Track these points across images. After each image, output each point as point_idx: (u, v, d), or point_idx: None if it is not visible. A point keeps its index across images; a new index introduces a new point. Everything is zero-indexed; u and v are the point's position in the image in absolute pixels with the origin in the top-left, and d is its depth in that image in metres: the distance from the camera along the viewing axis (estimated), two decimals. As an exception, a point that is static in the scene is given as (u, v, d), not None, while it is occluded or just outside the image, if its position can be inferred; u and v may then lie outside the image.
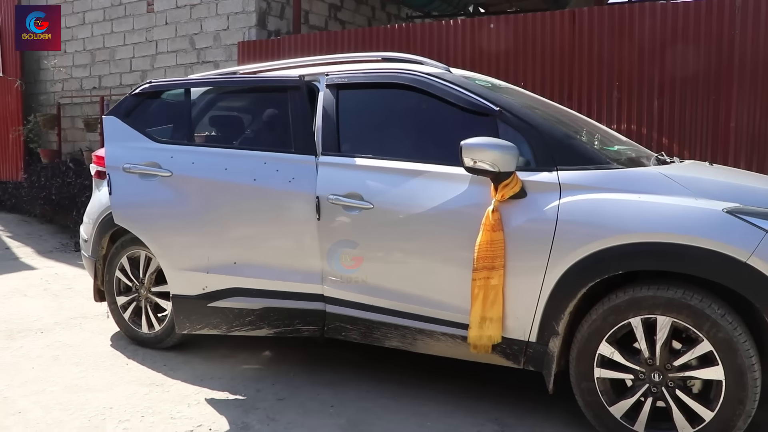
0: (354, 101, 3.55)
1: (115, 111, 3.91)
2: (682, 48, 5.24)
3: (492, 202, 2.87)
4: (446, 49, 6.25)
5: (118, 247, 4.16)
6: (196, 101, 3.95)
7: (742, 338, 2.49)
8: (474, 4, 10.33)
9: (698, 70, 5.20)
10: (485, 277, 2.85)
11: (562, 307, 2.79)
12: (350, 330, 3.36)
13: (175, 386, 3.53)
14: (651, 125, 5.39)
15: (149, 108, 3.96)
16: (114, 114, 3.88)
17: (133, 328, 4.17)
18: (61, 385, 3.55)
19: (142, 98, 3.95)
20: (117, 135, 3.81)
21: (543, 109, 3.46)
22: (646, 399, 2.69)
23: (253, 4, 7.88)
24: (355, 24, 9.51)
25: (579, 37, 5.60)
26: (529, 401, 3.29)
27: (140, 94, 3.97)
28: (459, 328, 3.02)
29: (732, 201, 2.61)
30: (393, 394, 3.41)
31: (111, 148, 3.79)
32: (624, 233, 2.65)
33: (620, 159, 3.08)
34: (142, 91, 3.98)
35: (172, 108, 4.00)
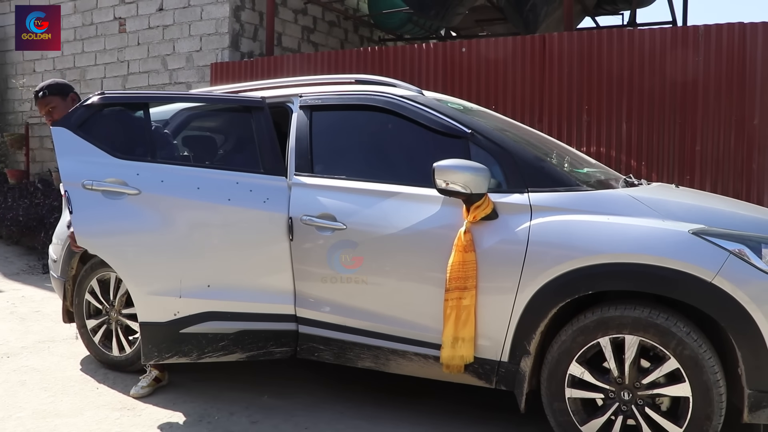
0: (327, 123, 3.58)
1: (65, 122, 3.50)
2: (649, 73, 5.39)
3: (464, 223, 2.91)
4: (419, 71, 6.33)
5: (87, 270, 4.10)
6: (160, 117, 3.88)
7: (707, 355, 2.54)
8: (446, 28, 10.48)
9: (665, 95, 5.35)
10: (457, 298, 2.88)
11: (534, 327, 2.82)
12: (323, 350, 3.35)
13: (147, 410, 3.48)
14: (620, 148, 5.52)
15: (103, 121, 3.63)
16: (64, 125, 3.48)
17: (103, 352, 4.10)
18: (28, 411, 3.47)
19: (95, 110, 3.61)
20: (70, 148, 3.46)
21: (514, 132, 3.52)
22: (616, 418, 2.72)
23: (226, 25, 7.91)
24: (328, 46, 9.59)
25: (549, 62, 5.72)
26: (502, 421, 3.31)
27: (92, 105, 3.59)
28: (431, 348, 3.04)
29: (698, 222, 2.68)
30: (368, 416, 3.40)
31: (66, 163, 3.44)
32: (593, 254, 2.70)
33: (590, 181, 3.15)
34: (94, 102, 3.60)
35: (130, 122, 3.72)
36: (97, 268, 4.04)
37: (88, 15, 9.06)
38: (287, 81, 4.03)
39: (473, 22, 10.81)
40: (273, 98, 3.71)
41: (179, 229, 3.45)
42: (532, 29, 8.21)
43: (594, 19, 10.26)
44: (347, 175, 3.36)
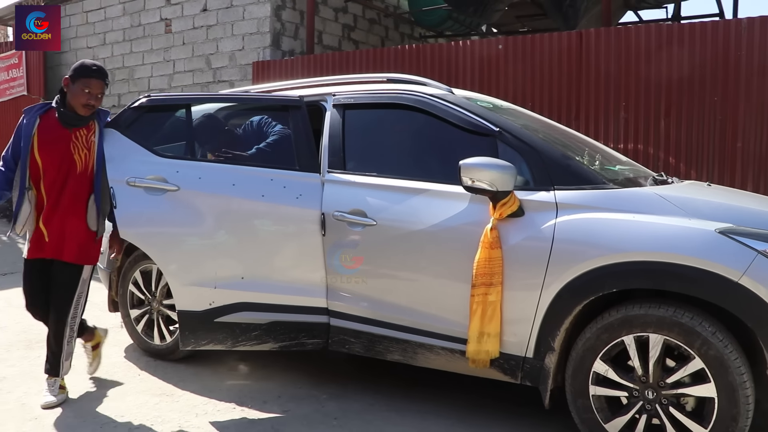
0: (359, 121, 3.65)
1: (114, 123, 3.72)
2: (689, 68, 5.31)
3: (491, 220, 2.95)
4: (456, 69, 6.36)
5: (131, 262, 4.27)
6: (201, 117, 3.99)
7: (733, 355, 2.52)
8: (486, 24, 10.45)
9: (705, 90, 5.26)
10: (483, 293, 2.92)
11: (558, 324, 2.84)
12: (353, 343, 3.43)
13: (184, 397, 3.62)
14: (658, 145, 5.45)
15: (149, 121, 3.86)
16: (113, 126, 3.70)
17: (145, 340, 4.27)
18: (76, 393, 3.65)
19: (142, 111, 3.84)
20: (117, 147, 3.65)
21: (543, 130, 3.53)
22: (640, 416, 2.72)
23: (267, 25, 8.05)
24: (369, 44, 9.67)
25: (586, 58, 5.69)
26: (527, 416, 3.34)
27: (139, 107, 3.85)
28: (458, 343, 3.09)
29: (725, 221, 2.66)
30: (396, 408, 3.47)
31: (113, 162, 3.60)
32: (618, 252, 2.71)
33: (617, 179, 3.14)
34: (141, 104, 3.86)
35: (174, 123, 3.95)
36: (139, 260, 4.21)
37: (136, 17, 9.33)
38: (321, 80, 4.12)
39: (513, 18, 10.76)
40: (307, 97, 3.79)
41: (215, 223, 3.59)
42: (572, 24, 8.14)
43: (636, 12, 10.09)
44: (378, 172, 3.43)
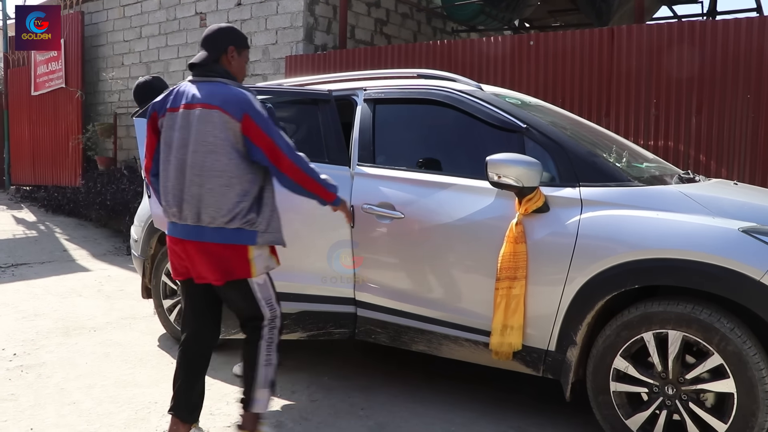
0: (389, 115, 3.71)
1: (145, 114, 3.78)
2: (721, 65, 5.24)
3: (516, 215, 3.00)
4: (487, 65, 6.37)
5: (163, 253, 4.40)
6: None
7: (752, 351, 2.54)
8: (518, 19, 10.40)
9: (737, 88, 5.19)
10: (507, 287, 2.97)
11: (581, 318, 2.88)
12: (379, 333, 3.51)
13: (216, 385, 3.74)
14: (689, 142, 5.40)
15: None
16: (144, 116, 3.74)
17: (177, 330, 4.37)
18: (111, 380, 3.79)
19: None
20: None
21: (571, 127, 3.56)
22: (660, 412, 2.75)
23: (300, 19, 8.14)
24: (401, 38, 9.70)
25: (617, 55, 5.65)
26: (549, 411, 3.38)
27: None
28: (481, 335, 3.14)
29: (749, 221, 2.67)
30: (421, 399, 3.54)
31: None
32: (640, 249, 2.74)
33: (642, 177, 3.16)
34: None
35: None
36: (173, 251, 4.33)
37: (172, 11, 9.49)
38: (352, 75, 4.18)
39: (546, 12, 10.70)
40: (338, 91, 3.86)
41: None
42: (605, 20, 8.08)
43: (671, 8, 9.95)
44: (407, 166, 3.49)
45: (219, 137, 2.72)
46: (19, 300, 5.66)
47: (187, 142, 2.77)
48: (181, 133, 2.79)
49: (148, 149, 3.01)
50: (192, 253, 2.83)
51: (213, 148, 2.73)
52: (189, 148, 2.76)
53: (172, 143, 2.83)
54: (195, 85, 2.85)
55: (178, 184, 2.81)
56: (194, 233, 2.80)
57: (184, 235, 2.83)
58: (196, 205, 2.76)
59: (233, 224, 2.76)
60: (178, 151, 2.80)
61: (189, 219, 2.79)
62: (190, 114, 2.77)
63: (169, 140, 2.84)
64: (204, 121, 2.73)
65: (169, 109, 2.85)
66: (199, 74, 2.89)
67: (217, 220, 2.75)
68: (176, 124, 2.81)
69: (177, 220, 2.84)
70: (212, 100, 2.76)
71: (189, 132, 2.76)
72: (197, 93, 2.79)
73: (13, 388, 3.65)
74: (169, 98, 2.88)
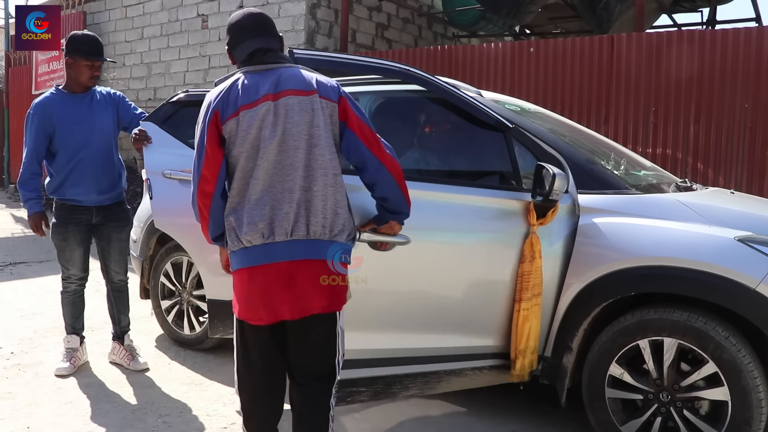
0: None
1: (153, 117, 3.92)
2: (720, 75, 5.29)
3: (530, 228, 2.89)
4: (487, 71, 6.41)
5: (162, 254, 4.41)
6: None
7: (746, 360, 2.55)
8: (519, 25, 10.44)
9: (735, 97, 5.24)
10: (535, 305, 2.89)
11: (577, 325, 2.89)
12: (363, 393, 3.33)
13: (213, 386, 3.74)
14: (687, 151, 5.44)
15: (186, 116, 3.89)
16: (152, 120, 3.88)
17: (175, 330, 4.41)
18: (108, 380, 3.80)
19: (179, 106, 4.00)
20: (155, 140, 3.76)
21: (568, 134, 3.58)
22: (655, 419, 2.76)
23: (302, 23, 8.17)
24: (402, 42, 9.74)
25: (617, 63, 5.69)
26: (545, 414, 3.39)
27: (177, 102, 4.04)
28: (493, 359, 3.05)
29: (745, 229, 2.68)
30: (418, 404, 3.53)
31: (150, 154, 3.74)
32: (636, 257, 2.75)
33: (639, 185, 3.18)
34: (179, 99, 4.06)
35: None
36: (171, 252, 4.35)
37: (174, 12, 9.52)
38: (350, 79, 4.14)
39: (546, 19, 10.73)
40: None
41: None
42: (606, 28, 8.11)
43: (671, 16, 9.99)
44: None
45: (320, 127, 2.25)
46: (17, 299, 5.67)
47: (284, 138, 2.23)
48: (273, 130, 2.24)
49: (211, 166, 2.29)
50: (298, 277, 2.23)
51: (316, 141, 2.24)
52: (287, 144, 2.23)
53: (258, 145, 2.24)
54: (260, 75, 2.31)
55: (271, 191, 2.23)
56: (304, 250, 2.22)
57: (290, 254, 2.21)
58: (303, 215, 2.21)
59: (342, 237, 2.27)
60: (271, 152, 2.23)
61: (291, 233, 2.21)
62: (278, 106, 2.25)
63: (255, 142, 2.24)
64: (302, 109, 2.24)
65: (244, 106, 2.25)
66: (264, 62, 2.34)
67: (329, 231, 2.24)
68: (261, 121, 2.24)
69: (263, 240, 2.22)
70: (305, 86, 2.28)
71: (284, 126, 2.23)
72: (278, 81, 2.28)
73: (10, 387, 3.66)
74: (230, 95, 2.28)
